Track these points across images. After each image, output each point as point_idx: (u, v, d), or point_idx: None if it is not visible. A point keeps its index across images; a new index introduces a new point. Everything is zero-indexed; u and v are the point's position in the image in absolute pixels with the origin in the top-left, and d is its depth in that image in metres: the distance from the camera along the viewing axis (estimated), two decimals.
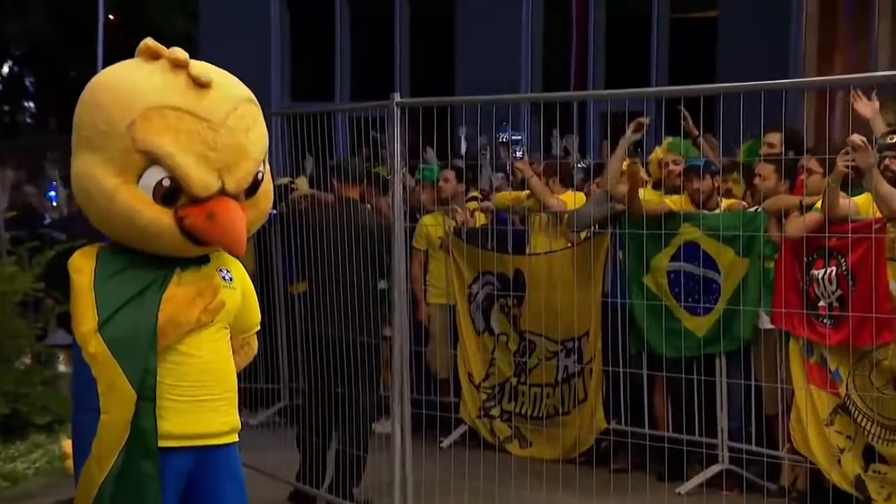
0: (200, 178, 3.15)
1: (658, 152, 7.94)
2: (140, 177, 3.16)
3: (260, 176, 3.30)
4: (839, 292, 6.23)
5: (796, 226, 6.39)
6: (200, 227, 3.18)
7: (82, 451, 3.20)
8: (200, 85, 3.19)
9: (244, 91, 3.32)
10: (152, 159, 3.15)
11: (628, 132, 7.17)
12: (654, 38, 13.59)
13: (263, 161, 3.32)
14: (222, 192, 3.19)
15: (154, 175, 3.15)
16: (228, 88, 3.28)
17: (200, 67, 3.22)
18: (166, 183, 3.16)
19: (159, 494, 3.19)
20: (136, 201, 3.16)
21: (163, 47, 3.26)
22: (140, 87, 3.20)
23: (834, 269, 6.25)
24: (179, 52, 3.22)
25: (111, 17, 24.00)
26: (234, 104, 3.24)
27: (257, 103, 3.34)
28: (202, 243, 3.23)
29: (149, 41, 3.28)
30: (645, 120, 7.21)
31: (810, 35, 11.30)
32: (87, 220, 3.34)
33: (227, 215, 3.17)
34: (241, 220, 3.21)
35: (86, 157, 3.23)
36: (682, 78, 11.87)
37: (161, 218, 3.17)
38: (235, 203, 3.22)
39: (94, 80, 3.30)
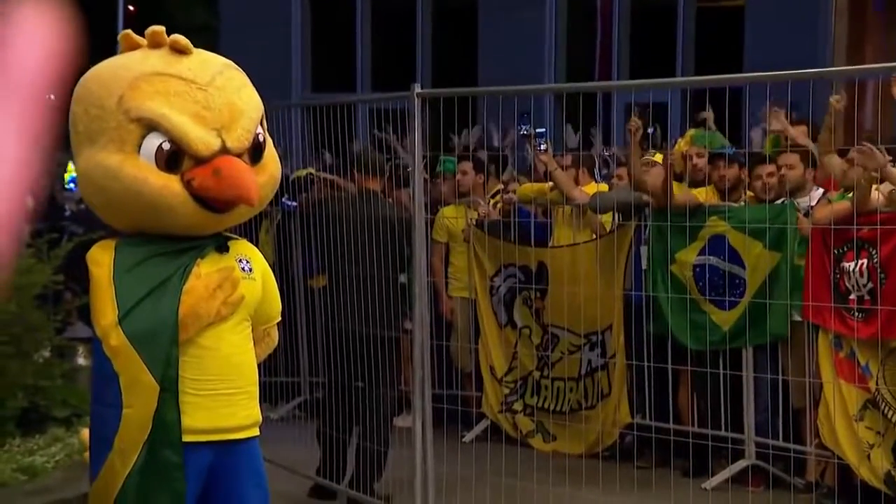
0: (199, 135, 3.14)
1: (681, 145, 7.85)
2: (140, 147, 3.14)
3: (261, 137, 3.28)
4: (870, 285, 6.14)
5: (824, 213, 6.29)
6: (209, 185, 3.15)
7: (102, 445, 3.18)
8: (179, 50, 3.22)
9: (225, 59, 3.35)
10: (148, 126, 3.14)
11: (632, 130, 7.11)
12: (680, 27, 13.49)
13: (262, 124, 3.29)
14: (225, 152, 3.17)
15: (153, 141, 3.15)
16: (209, 57, 3.32)
17: (177, 35, 3.26)
18: (166, 146, 3.14)
19: (184, 483, 3.16)
20: (142, 171, 3.14)
21: (138, 36, 3.31)
22: (122, 66, 3.25)
23: (865, 261, 6.15)
24: (154, 28, 3.26)
25: (131, 8, 24.02)
26: (218, 69, 3.27)
27: (242, 71, 3.34)
28: (215, 208, 3.19)
29: (125, 33, 3.34)
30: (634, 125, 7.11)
31: (840, 25, 11.18)
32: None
33: (232, 169, 3.16)
34: (249, 173, 3.20)
35: (87, 151, 3.22)
36: (708, 68, 11.75)
37: (169, 184, 3.14)
38: (240, 160, 3.20)
39: (81, 78, 3.32)
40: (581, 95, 6.63)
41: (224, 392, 3.25)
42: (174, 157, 3.14)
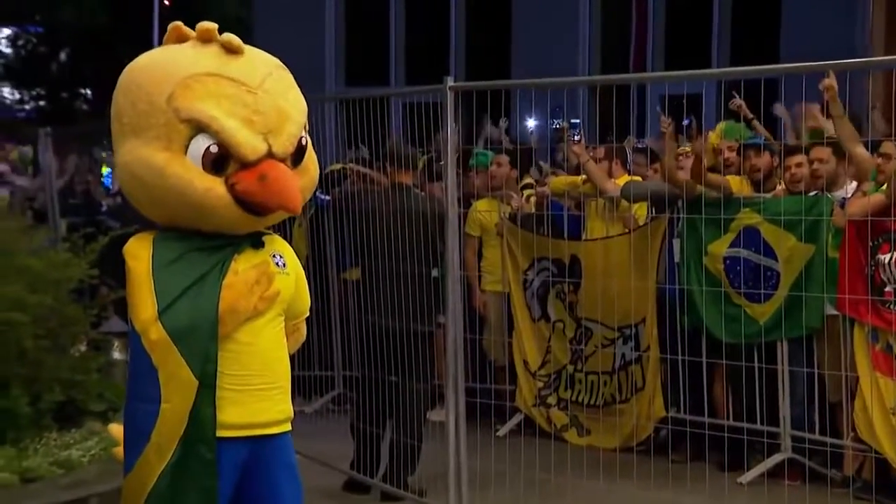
0: (248, 140, 3.14)
1: (713, 138, 7.80)
2: (187, 147, 3.14)
3: (304, 141, 3.29)
4: None
5: (859, 205, 6.24)
6: (253, 191, 3.15)
7: (138, 439, 3.18)
8: (232, 51, 3.21)
9: (274, 59, 3.34)
10: (197, 127, 3.13)
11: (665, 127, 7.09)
12: (716, 17, 13.40)
13: (304, 127, 3.30)
14: (270, 156, 3.18)
15: (201, 143, 3.14)
16: (259, 55, 3.31)
17: (229, 34, 3.24)
18: (214, 149, 3.14)
19: (216, 479, 3.17)
20: (187, 172, 3.14)
21: (188, 28, 3.29)
22: (174, 61, 3.22)
23: None
24: (206, 24, 3.24)
25: (166, 2, 24.18)
26: (268, 69, 3.26)
27: (288, 71, 3.34)
28: (257, 211, 3.20)
29: (175, 24, 3.31)
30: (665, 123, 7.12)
31: (877, 13, 11.05)
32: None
33: (278, 175, 3.16)
34: (294, 180, 3.21)
35: (130, 143, 3.22)
36: (744, 58, 11.67)
37: (214, 187, 3.14)
38: (284, 165, 3.20)
39: (128, 67, 3.31)
40: (615, 87, 6.60)
41: (259, 387, 3.25)
42: (220, 160, 3.15)
